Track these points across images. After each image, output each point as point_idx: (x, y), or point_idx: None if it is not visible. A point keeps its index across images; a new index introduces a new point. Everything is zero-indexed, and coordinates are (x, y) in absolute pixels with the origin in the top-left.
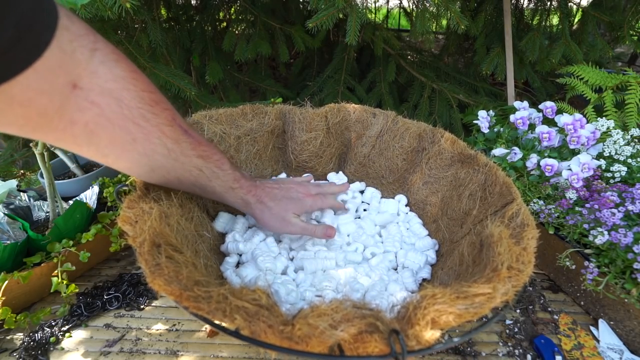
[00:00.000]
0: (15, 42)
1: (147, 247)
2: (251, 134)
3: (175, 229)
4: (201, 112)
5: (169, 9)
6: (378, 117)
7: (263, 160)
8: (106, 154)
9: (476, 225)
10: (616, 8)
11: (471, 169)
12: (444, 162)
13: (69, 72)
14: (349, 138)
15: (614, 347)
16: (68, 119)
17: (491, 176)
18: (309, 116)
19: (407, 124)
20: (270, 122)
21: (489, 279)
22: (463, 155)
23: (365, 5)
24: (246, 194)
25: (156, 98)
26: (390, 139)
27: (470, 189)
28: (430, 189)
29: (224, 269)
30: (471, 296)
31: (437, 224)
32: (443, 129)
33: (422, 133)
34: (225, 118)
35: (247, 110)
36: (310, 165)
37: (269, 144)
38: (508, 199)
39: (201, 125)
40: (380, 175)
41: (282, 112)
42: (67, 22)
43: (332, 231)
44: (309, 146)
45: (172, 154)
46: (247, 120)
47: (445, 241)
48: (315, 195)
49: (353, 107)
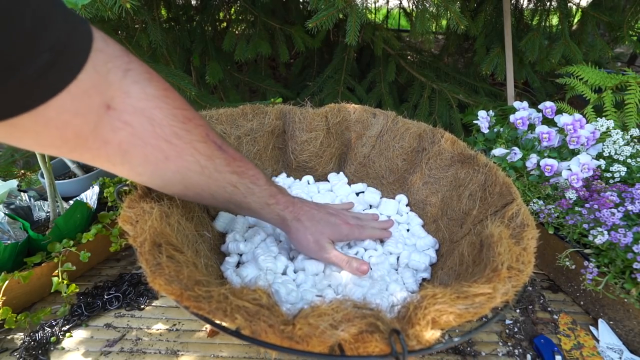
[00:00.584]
0: (50, 66)
1: (148, 246)
2: (251, 134)
3: (176, 229)
4: (201, 113)
5: (169, 9)
6: (378, 117)
7: (263, 160)
8: (140, 172)
9: (476, 225)
10: (616, 8)
11: (471, 169)
12: (444, 163)
13: (102, 93)
14: (349, 138)
15: (614, 346)
16: (102, 139)
17: (491, 176)
18: (309, 116)
19: (407, 124)
20: (270, 122)
21: (489, 279)
22: (463, 155)
23: (365, 5)
24: (283, 210)
25: (189, 115)
26: (391, 139)
27: (470, 189)
28: (430, 189)
29: (225, 268)
30: (471, 296)
31: (437, 224)
32: (443, 129)
33: (422, 133)
34: (225, 118)
35: (247, 110)
36: (311, 165)
37: (269, 144)
38: (508, 199)
39: None
40: (380, 176)
41: (282, 112)
42: (102, 45)
43: (366, 267)
44: (309, 146)
45: (206, 171)
46: (247, 120)
47: (445, 241)
48: (353, 225)
49: (353, 107)
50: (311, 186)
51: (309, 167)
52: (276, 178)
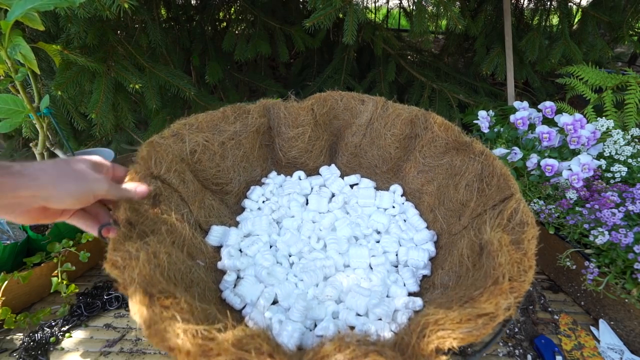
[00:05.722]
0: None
1: (139, 297)
2: (236, 137)
3: (167, 266)
4: (180, 121)
5: (168, 9)
6: (367, 103)
7: (251, 162)
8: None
9: (475, 219)
10: (616, 8)
11: (466, 157)
12: (438, 150)
13: None
14: (338, 127)
15: (615, 347)
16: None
17: (488, 166)
18: (294, 111)
19: (398, 109)
20: (254, 122)
21: (491, 294)
22: (458, 142)
23: (364, 4)
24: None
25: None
26: (381, 126)
27: (467, 178)
28: (426, 177)
29: (223, 287)
30: (474, 318)
31: (435, 214)
32: (435, 113)
33: (413, 119)
34: (206, 124)
35: (228, 113)
36: (301, 161)
37: (256, 144)
38: (507, 193)
39: (181, 136)
40: (373, 165)
41: (266, 108)
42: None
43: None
44: (297, 142)
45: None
46: (229, 124)
47: (443, 232)
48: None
49: (340, 94)
50: (303, 182)
51: (300, 162)
52: (266, 178)
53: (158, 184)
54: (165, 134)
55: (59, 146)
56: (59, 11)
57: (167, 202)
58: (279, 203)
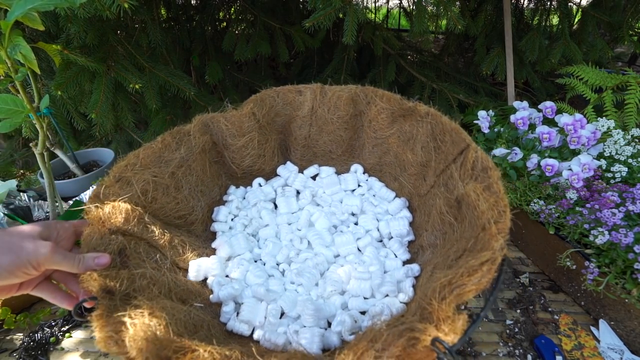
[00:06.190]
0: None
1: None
2: (184, 163)
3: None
4: (120, 163)
5: (168, 9)
6: (304, 93)
7: (207, 184)
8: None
9: (439, 176)
10: (616, 8)
11: (414, 121)
12: (386, 121)
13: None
14: (282, 124)
15: (615, 347)
16: None
17: (437, 124)
18: (236, 120)
19: (337, 91)
20: (197, 142)
21: (484, 241)
22: (402, 109)
23: (363, 4)
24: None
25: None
26: (325, 112)
27: (421, 140)
28: (381, 150)
29: (225, 319)
30: (479, 266)
31: (400, 182)
32: (375, 87)
33: (354, 96)
34: (150, 160)
35: (168, 140)
36: (257, 167)
37: (206, 164)
38: (462, 145)
39: (127, 179)
40: (327, 151)
41: (205, 124)
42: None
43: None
44: (248, 150)
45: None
46: (172, 151)
47: (413, 196)
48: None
49: (275, 90)
50: (265, 188)
51: (256, 169)
52: (226, 195)
53: (119, 239)
54: (108, 182)
55: (59, 146)
56: (59, 11)
57: (136, 254)
58: (249, 216)
